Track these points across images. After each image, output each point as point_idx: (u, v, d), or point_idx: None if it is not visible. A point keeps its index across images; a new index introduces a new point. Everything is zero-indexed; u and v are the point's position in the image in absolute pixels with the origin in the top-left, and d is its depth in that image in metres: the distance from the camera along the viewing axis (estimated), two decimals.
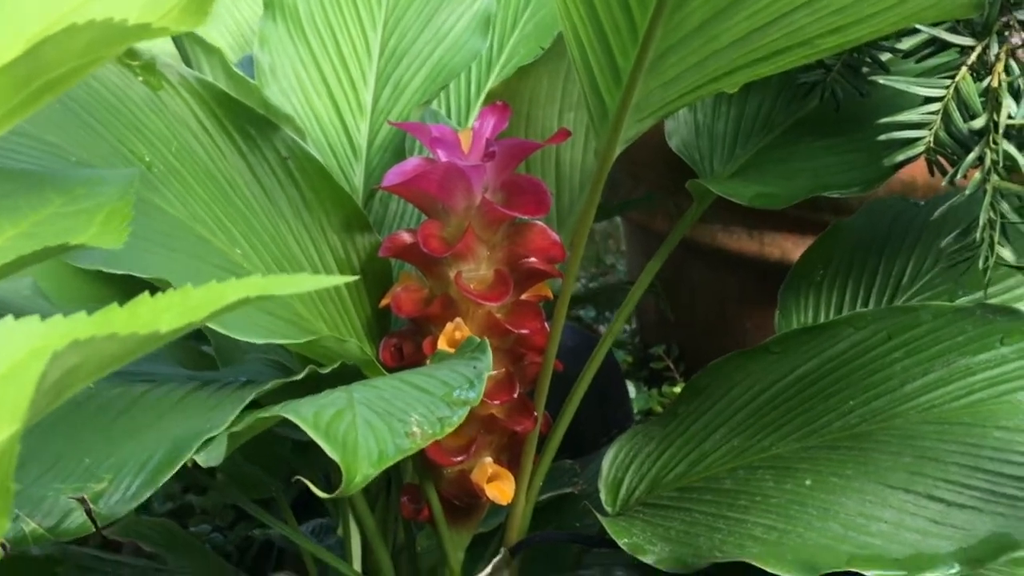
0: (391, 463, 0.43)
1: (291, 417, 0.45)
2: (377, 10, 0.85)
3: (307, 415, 0.45)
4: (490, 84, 0.99)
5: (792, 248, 1.16)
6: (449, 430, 0.46)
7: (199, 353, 0.89)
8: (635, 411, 1.33)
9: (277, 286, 0.29)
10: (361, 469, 0.42)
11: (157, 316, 0.27)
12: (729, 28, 0.57)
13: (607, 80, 0.61)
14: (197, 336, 0.92)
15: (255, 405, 0.56)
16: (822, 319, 0.82)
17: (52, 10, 0.29)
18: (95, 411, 0.57)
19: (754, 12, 0.56)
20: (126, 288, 0.94)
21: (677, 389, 1.36)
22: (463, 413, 0.47)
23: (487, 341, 0.57)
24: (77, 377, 0.28)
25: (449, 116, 0.96)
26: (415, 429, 0.46)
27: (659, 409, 1.35)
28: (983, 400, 0.66)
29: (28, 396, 0.25)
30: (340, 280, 0.32)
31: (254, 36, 1.11)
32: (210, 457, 0.47)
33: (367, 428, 0.45)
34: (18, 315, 0.81)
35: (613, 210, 1.28)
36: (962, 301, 0.77)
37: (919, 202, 0.87)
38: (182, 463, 0.50)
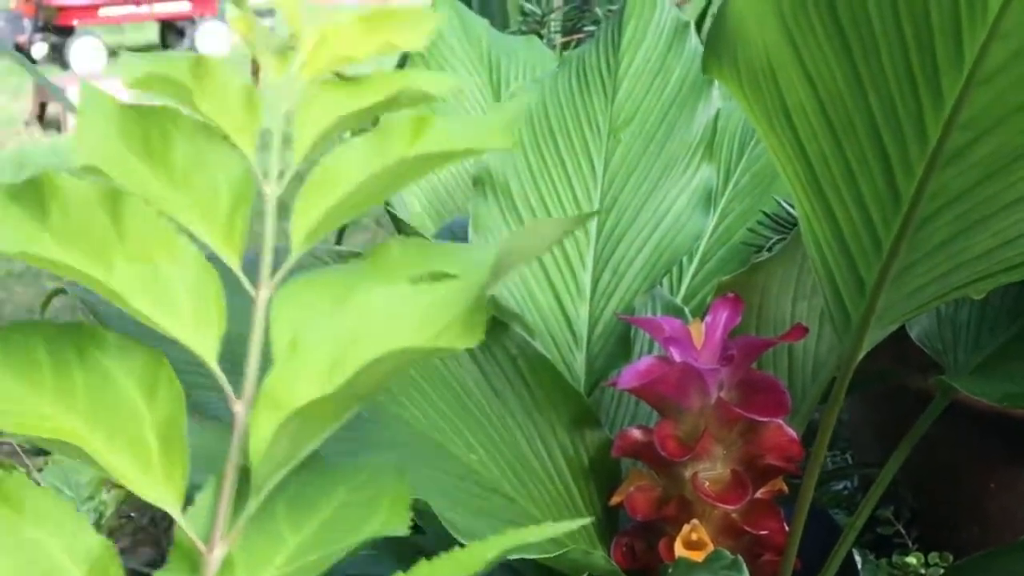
0: None
1: None
2: (593, 188, 0.99)
3: None
4: (704, 244, 1.13)
5: None
6: None
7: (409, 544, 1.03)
8: None
9: (533, 535, 0.41)
10: None
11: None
12: (974, 244, 0.69)
13: (851, 292, 0.73)
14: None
15: None
16: None
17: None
18: None
19: (1000, 230, 0.68)
20: None
21: (911, 559, 1.43)
22: None
23: (741, 559, 0.69)
24: None
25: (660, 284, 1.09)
26: None
27: None
28: None
29: None
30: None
31: (449, 197, 1.27)
32: None
33: None
34: None
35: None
36: None
37: None
38: None
